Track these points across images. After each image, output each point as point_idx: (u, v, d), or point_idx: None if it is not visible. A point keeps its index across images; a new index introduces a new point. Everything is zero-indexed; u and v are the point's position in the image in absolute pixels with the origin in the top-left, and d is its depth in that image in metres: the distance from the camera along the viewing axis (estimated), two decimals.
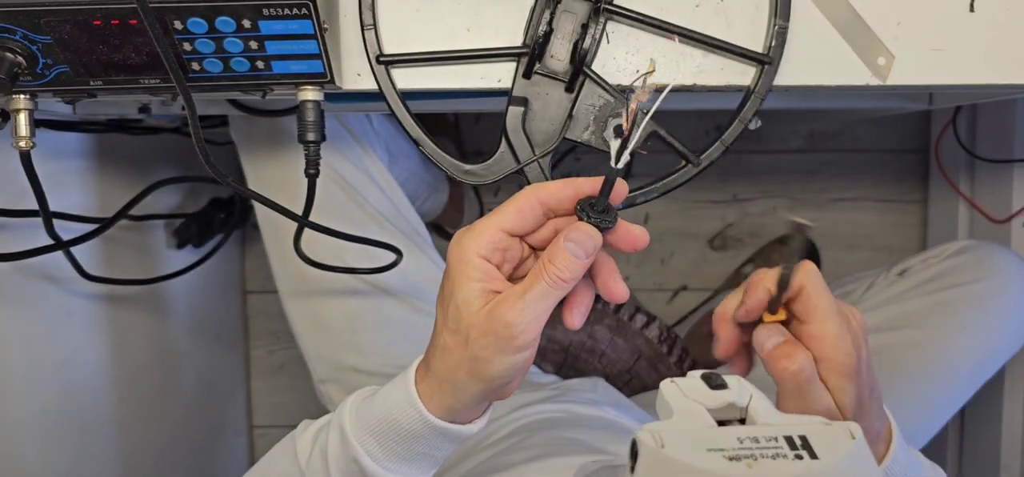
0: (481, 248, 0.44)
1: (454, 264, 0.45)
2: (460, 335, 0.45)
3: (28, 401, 0.79)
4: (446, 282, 0.46)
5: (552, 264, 0.43)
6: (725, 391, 0.34)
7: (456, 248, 0.45)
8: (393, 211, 0.88)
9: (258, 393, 1.48)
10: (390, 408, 0.48)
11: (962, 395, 0.88)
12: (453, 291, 0.45)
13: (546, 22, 0.53)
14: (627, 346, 1.09)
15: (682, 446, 0.29)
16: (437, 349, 0.46)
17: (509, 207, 0.45)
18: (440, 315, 0.47)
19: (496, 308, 0.44)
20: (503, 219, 0.45)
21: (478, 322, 0.44)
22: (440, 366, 0.46)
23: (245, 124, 0.83)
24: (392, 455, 0.49)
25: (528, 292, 0.43)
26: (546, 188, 0.45)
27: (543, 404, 0.79)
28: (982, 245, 0.90)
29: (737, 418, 0.34)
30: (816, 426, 0.31)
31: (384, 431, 0.48)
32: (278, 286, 0.87)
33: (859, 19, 0.55)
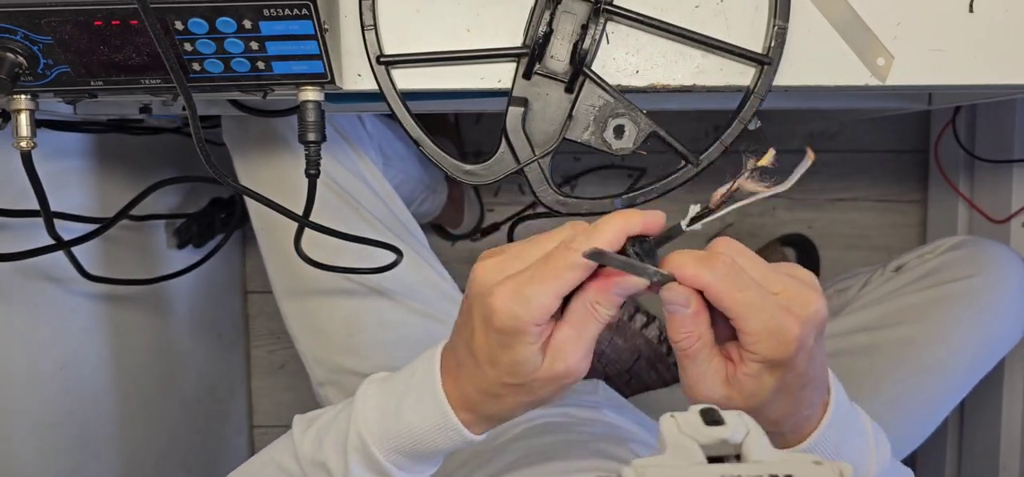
0: (539, 319, 0.42)
1: (509, 333, 0.43)
2: (520, 389, 0.45)
3: (28, 401, 0.79)
4: (497, 349, 0.44)
5: (601, 307, 0.43)
6: (720, 427, 0.33)
7: (510, 319, 0.42)
8: (387, 214, 0.88)
9: (258, 392, 1.48)
10: (428, 432, 0.48)
11: (960, 390, 0.88)
12: (512, 359, 0.43)
13: (546, 23, 0.53)
14: (627, 346, 1.09)
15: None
16: (488, 397, 0.46)
17: (567, 276, 0.42)
18: (490, 373, 0.45)
19: (558, 362, 0.44)
20: (563, 288, 0.42)
21: (542, 377, 0.44)
22: (493, 409, 0.47)
23: (237, 128, 0.83)
24: (420, 461, 0.51)
25: (584, 338, 0.44)
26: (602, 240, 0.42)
27: (545, 408, 0.79)
28: (978, 240, 0.90)
29: (732, 454, 0.33)
30: (805, 466, 0.30)
31: (418, 451, 0.49)
32: (274, 289, 0.87)
33: (858, 19, 0.55)
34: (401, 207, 0.91)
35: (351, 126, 0.87)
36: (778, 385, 0.43)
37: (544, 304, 0.42)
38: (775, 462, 0.31)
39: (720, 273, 0.42)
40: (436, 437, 0.48)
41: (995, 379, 1.09)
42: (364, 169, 0.87)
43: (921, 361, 0.85)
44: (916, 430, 0.88)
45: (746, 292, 0.41)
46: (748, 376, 0.43)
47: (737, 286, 0.41)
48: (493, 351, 0.44)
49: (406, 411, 0.49)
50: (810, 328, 0.42)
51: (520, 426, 0.75)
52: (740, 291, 0.41)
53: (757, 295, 0.42)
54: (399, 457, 0.50)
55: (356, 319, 0.84)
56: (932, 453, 1.28)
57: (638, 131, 0.55)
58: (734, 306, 0.41)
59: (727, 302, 0.42)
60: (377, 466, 0.50)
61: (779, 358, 0.42)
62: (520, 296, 0.42)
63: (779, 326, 0.41)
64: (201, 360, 1.24)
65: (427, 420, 0.48)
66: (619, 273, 0.42)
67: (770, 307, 0.42)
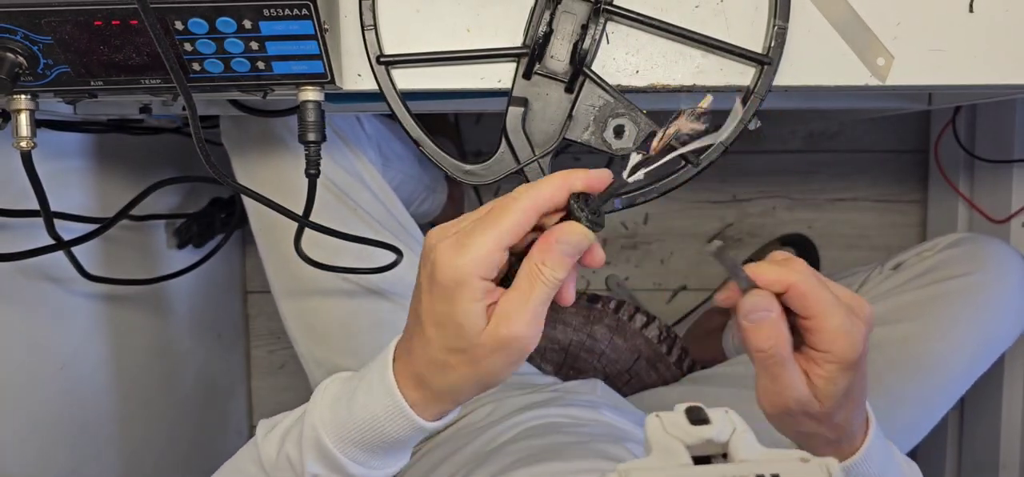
0: (480, 269, 0.42)
1: (450, 285, 0.42)
2: (465, 355, 0.44)
3: (28, 401, 0.79)
4: (437, 301, 0.43)
5: (547, 267, 0.42)
6: (705, 427, 0.33)
7: (449, 269, 0.42)
8: (385, 214, 0.88)
9: (258, 392, 1.48)
10: (376, 418, 0.47)
11: (959, 388, 0.87)
12: (451, 313, 0.43)
13: (546, 23, 0.53)
14: (626, 346, 1.09)
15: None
16: (434, 366, 0.45)
17: (506, 222, 0.42)
18: (434, 335, 0.44)
19: (502, 327, 0.42)
20: (503, 236, 0.42)
21: (485, 342, 0.43)
22: (440, 383, 0.45)
23: (235, 129, 0.83)
24: (377, 454, 0.49)
25: (530, 299, 0.42)
26: (542, 195, 0.43)
27: (544, 408, 0.79)
28: (977, 237, 0.90)
29: (719, 453, 0.33)
30: (792, 464, 0.30)
31: (370, 440, 0.48)
32: (273, 290, 0.87)
33: (858, 19, 0.55)
34: (400, 208, 0.91)
35: (349, 127, 0.87)
36: (847, 386, 0.45)
37: (485, 249, 0.42)
38: (762, 460, 0.31)
39: (804, 274, 0.43)
40: (387, 425, 0.47)
41: (995, 377, 1.09)
42: (362, 169, 0.87)
43: (920, 358, 0.85)
44: (915, 427, 0.88)
45: (825, 292, 0.43)
46: (824, 379, 0.44)
47: (818, 286, 0.43)
48: (436, 309, 0.43)
49: (357, 400, 0.48)
50: (869, 329, 0.45)
51: (518, 427, 0.75)
52: (821, 291, 0.43)
53: (832, 296, 0.43)
54: (353, 448, 0.48)
55: (355, 320, 0.84)
56: (932, 451, 1.28)
57: (638, 131, 0.55)
58: (816, 304, 0.43)
59: (811, 301, 0.43)
60: (331, 459, 0.48)
61: (851, 357, 0.44)
62: (460, 246, 0.42)
63: (851, 326, 0.44)
64: (201, 360, 1.24)
65: (377, 405, 0.47)
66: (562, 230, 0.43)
67: (842, 308, 0.44)
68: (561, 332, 1.08)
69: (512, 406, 0.81)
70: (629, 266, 1.44)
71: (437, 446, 0.78)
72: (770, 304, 0.43)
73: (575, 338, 1.08)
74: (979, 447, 1.17)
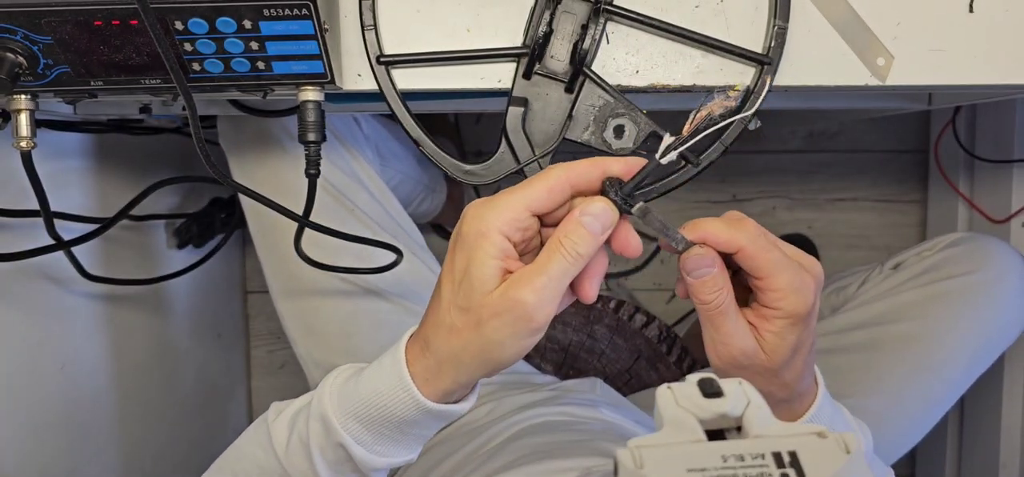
0: (503, 224, 0.42)
1: (472, 237, 0.42)
2: (471, 315, 0.43)
3: (28, 401, 0.79)
4: (458, 254, 0.43)
5: (569, 238, 0.42)
6: (719, 400, 0.32)
7: (475, 220, 0.42)
8: (383, 215, 0.88)
9: (258, 392, 1.48)
10: (379, 393, 0.46)
11: (959, 387, 0.88)
12: (468, 266, 0.42)
13: (546, 23, 0.53)
14: (627, 346, 1.09)
15: (661, 467, 0.28)
16: (441, 328, 0.44)
17: (538, 185, 0.42)
18: (447, 290, 0.44)
19: (512, 288, 0.41)
20: (532, 198, 0.42)
21: (492, 302, 0.42)
22: (443, 347, 0.44)
23: (232, 130, 0.83)
24: (381, 439, 0.48)
25: (545, 270, 0.42)
26: (576, 169, 0.43)
27: (543, 407, 0.79)
28: (976, 237, 0.90)
29: (733, 427, 0.32)
30: (809, 439, 0.29)
31: (372, 417, 0.47)
32: (271, 291, 0.87)
33: (858, 19, 0.55)
34: (398, 208, 0.91)
35: (346, 127, 0.87)
36: (797, 342, 0.46)
37: (511, 208, 0.42)
38: (779, 436, 0.30)
39: (753, 234, 0.44)
40: (388, 398, 0.46)
41: (995, 377, 1.09)
42: (359, 170, 0.87)
43: (920, 358, 0.85)
44: (915, 427, 0.88)
45: (773, 252, 0.44)
46: (772, 334, 0.45)
47: (767, 246, 0.44)
48: (455, 263, 0.44)
49: (366, 375, 0.48)
50: (820, 285, 0.46)
51: (517, 426, 0.75)
52: (769, 251, 0.44)
53: (781, 255, 0.44)
54: (356, 426, 0.47)
55: (354, 320, 0.84)
56: (932, 451, 1.28)
57: (638, 131, 0.55)
58: (766, 264, 0.44)
59: (760, 260, 0.44)
60: (333, 435, 0.47)
61: (801, 312, 0.45)
62: (490, 201, 0.43)
63: (801, 282, 0.45)
64: (201, 360, 1.24)
65: (382, 379, 0.47)
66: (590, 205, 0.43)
67: (793, 265, 0.45)
68: (561, 332, 1.08)
69: (511, 405, 0.81)
70: (629, 266, 1.44)
71: (436, 445, 0.78)
72: (712, 261, 0.44)
73: (575, 338, 1.08)
74: (979, 447, 1.17)
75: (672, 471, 0.28)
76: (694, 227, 0.45)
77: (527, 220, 0.43)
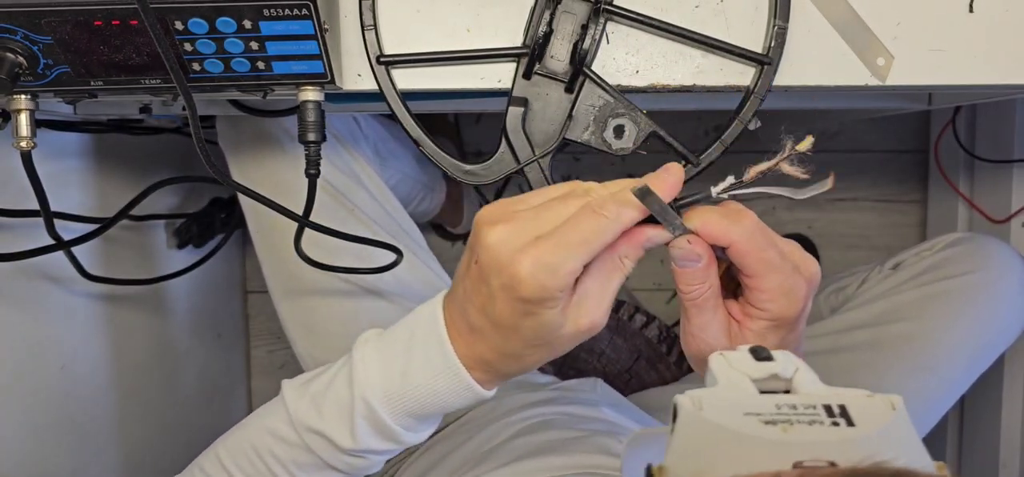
0: (566, 286, 0.42)
1: (536, 301, 0.42)
2: (545, 347, 0.45)
3: (28, 401, 0.79)
4: (519, 315, 0.43)
5: (629, 260, 0.44)
6: (770, 363, 0.34)
7: (537, 290, 0.41)
8: (383, 214, 0.88)
9: (259, 392, 1.48)
10: (438, 394, 0.48)
11: (958, 387, 0.87)
12: (539, 323, 0.43)
13: (546, 23, 0.53)
14: (627, 346, 1.09)
15: (720, 410, 0.30)
16: (509, 359, 0.46)
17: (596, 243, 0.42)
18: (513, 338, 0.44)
19: (584, 317, 0.44)
20: (590, 252, 0.42)
21: (567, 333, 0.44)
22: (514, 368, 0.47)
23: (231, 130, 0.83)
24: (427, 421, 0.52)
25: (609, 291, 0.44)
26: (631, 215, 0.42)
27: (543, 407, 0.79)
28: (976, 237, 0.90)
29: (782, 389, 0.34)
30: (858, 397, 0.31)
31: (428, 411, 0.50)
32: (271, 291, 0.87)
33: (858, 19, 0.55)
34: (398, 208, 0.91)
35: (346, 127, 0.87)
36: (779, 344, 0.45)
37: (574, 271, 0.42)
38: (827, 394, 0.31)
39: (749, 231, 0.43)
40: (449, 399, 0.49)
41: (995, 377, 1.09)
42: (359, 170, 0.87)
43: (920, 357, 0.85)
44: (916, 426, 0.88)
45: (768, 251, 0.43)
46: (753, 333, 0.45)
47: (762, 245, 0.43)
48: (516, 319, 0.43)
49: (415, 374, 0.48)
50: (812, 289, 0.45)
51: (517, 425, 0.75)
52: (764, 250, 0.43)
53: (777, 255, 0.43)
54: (408, 418, 0.50)
55: (354, 321, 0.84)
56: (932, 451, 1.27)
57: (638, 131, 0.55)
58: (757, 264, 0.43)
59: (752, 259, 0.43)
60: (387, 430, 0.50)
61: (787, 316, 0.44)
62: (547, 266, 0.41)
63: (792, 286, 0.43)
64: (201, 360, 1.24)
65: (439, 383, 0.48)
66: (651, 227, 0.43)
67: (786, 267, 0.43)
68: None
69: (511, 404, 0.81)
70: None
71: (436, 443, 0.78)
72: (701, 252, 0.43)
73: None
74: (979, 447, 1.17)
75: (730, 412, 0.29)
76: (692, 215, 0.44)
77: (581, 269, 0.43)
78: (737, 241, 0.43)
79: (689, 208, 0.44)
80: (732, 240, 0.43)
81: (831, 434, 0.28)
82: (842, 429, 0.29)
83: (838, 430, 0.29)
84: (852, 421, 0.29)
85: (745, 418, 0.29)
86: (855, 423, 0.29)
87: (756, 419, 0.29)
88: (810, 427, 0.29)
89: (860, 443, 0.28)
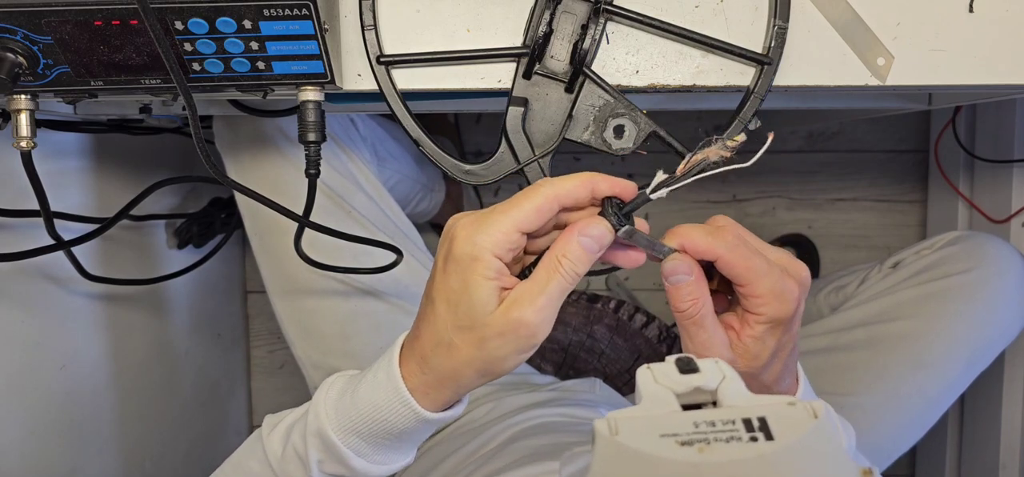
0: (495, 246, 0.43)
1: (465, 260, 0.43)
2: (473, 334, 0.44)
3: (28, 401, 0.79)
4: (452, 277, 0.44)
5: (567, 258, 0.43)
6: (694, 375, 0.34)
7: (467, 244, 0.43)
8: (381, 215, 0.88)
9: (258, 392, 1.48)
10: (378, 407, 0.47)
11: (958, 385, 0.87)
12: (465, 289, 0.43)
13: (546, 23, 0.53)
14: (626, 346, 1.09)
15: (635, 433, 0.30)
16: (440, 347, 0.45)
17: (526, 205, 0.43)
18: (443, 310, 0.44)
19: (513, 309, 0.43)
20: (521, 218, 0.43)
21: (494, 323, 0.43)
22: (444, 364, 0.45)
23: (228, 130, 0.83)
24: (380, 449, 0.49)
25: (545, 289, 0.43)
26: (564, 187, 0.44)
27: (542, 408, 0.79)
28: (975, 235, 0.90)
29: (709, 401, 0.34)
30: (779, 407, 0.30)
31: (372, 430, 0.48)
32: (269, 292, 0.87)
33: (858, 19, 0.55)
34: (396, 209, 0.91)
35: (344, 128, 0.87)
36: (777, 346, 0.46)
37: (502, 229, 0.42)
38: (749, 406, 0.31)
39: (731, 243, 0.44)
40: (387, 412, 0.47)
41: (995, 377, 1.09)
42: (356, 171, 0.87)
43: (919, 356, 0.85)
44: (915, 425, 0.88)
45: (754, 259, 0.44)
46: (753, 339, 0.46)
47: (746, 254, 0.44)
48: (450, 284, 0.44)
49: (361, 390, 0.48)
50: (804, 290, 0.46)
51: (516, 427, 0.75)
52: (749, 258, 0.44)
53: (763, 261, 0.44)
54: (355, 439, 0.49)
55: (352, 322, 0.84)
56: (932, 451, 1.28)
57: (638, 131, 0.55)
58: (745, 272, 0.44)
59: (739, 268, 0.44)
60: (334, 451, 0.49)
61: (782, 317, 0.45)
62: (479, 222, 0.43)
63: (783, 288, 0.44)
64: (201, 360, 1.24)
65: (379, 393, 0.47)
66: (583, 223, 0.44)
67: (775, 271, 0.45)
68: (561, 332, 1.08)
69: (511, 405, 0.81)
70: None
71: (435, 446, 0.78)
72: (689, 268, 0.45)
73: (575, 338, 1.08)
74: (979, 447, 1.17)
75: (646, 435, 0.29)
76: (674, 234, 0.45)
77: (517, 240, 0.43)
78: (722, 253, 0.44)
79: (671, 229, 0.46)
80: (718, 254, 0.44)
81: (748, 450, 0.28)
82: (760, 444, 0.29)
83: (756, 445, 0.29)
84: (771, 434, 0.29)
85: (661, 440, 0.29)
86: (774, 436, 0.29)
87: (673, 440, 0.29)
88: (727, 445, 0.29)
89: (776, 457, 0.28)
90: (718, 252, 0.44)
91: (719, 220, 0.46)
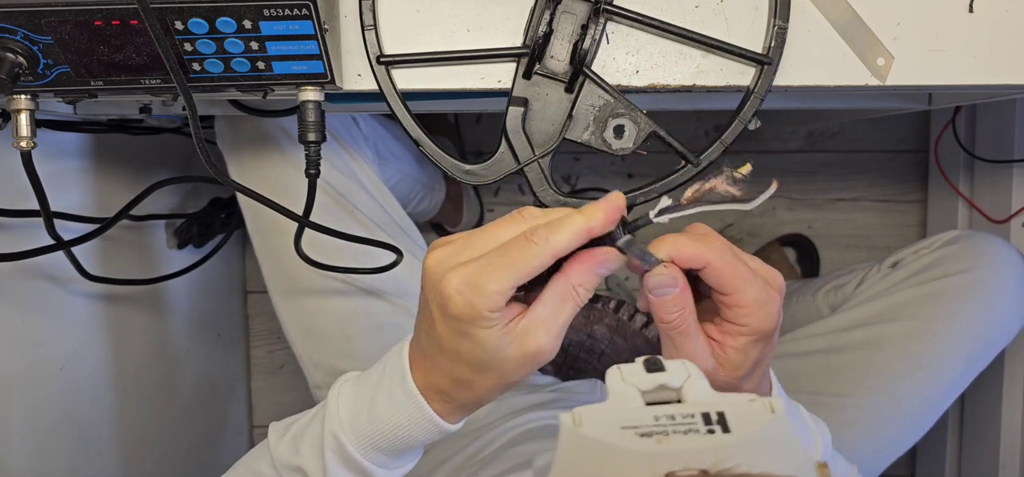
0: (496, 306, 0.42)
1: (467, 321, 0.42)
2: (491, 371, 0.44)
3: (28, 401, 0.79)
4: (455, 336, 0.43)
5: (583, 288, 0.43)
6: (660, 374, 0.35)
7: (465, 307, 0.42)
8: (382, 215, 0.88)
9: (258, 392, 1.48)
10: (401, 426, 0.48)
11: (957, 385, 0.87)
12: (474, 344, 0.43)
13: (546, 23, 0.53)
14: (627, 346, 1.09)
15: (598, 425, 0.31)
16: (459, 385, 0.45)
17: (524, 267, 0.41)
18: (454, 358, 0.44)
19: (530, 342, 0.43)
20: (520, 277, 0.41)
21: (511, 357, 0.43)
22: (465, 396, 0.46)
23: (230, 130, 0.83)
24: (399, 457, 0.51)
25: (560, 318, 0.43)
26: (561, 243, 0.42)
27: (543, 410, 0.79)
28: (974, 234, 0.90)
29: (673, 398, 0.35)
30: (739, 403, 0.31)
31: (395, 446, 0.49)
32: (270, 292, 0.87)
33: (858, 19, 0.55)
34: (397, 208, 0.91)
35: (345, 128, 0.87)
36: (759, 357, 0.46)
37: (499, 291, 0.42)
38: (710, 401, 0.32)
39: (719, 249, 0.44)
40: (412, 431, 0.48)
41: (995, 377, 1.09)
42: (358, 170, 0.87)
43: (918, 356, 0.85)
44: (914, 425, 0.88)
45: (740, 267, 0.44)
46: (735, 349, 0.45)
47: (733, 261, 0.44)
48: (454, 341, 0.44)
49: (379, 407, 0.49)
50: (782, 298, 0.46)
51: (517, 430, 0.75)
52: (736, 265, 0.44)
53: (748, 270, 0.44)
54: (376, 454, 0.49)
55: (353, 321, 0.84)
56: (932, 451, 1.28)
57: (638, 131, 0.55)
58: (732, 280, 0.43)
59: (727, 275, 0.43)
60: (355, 465, 0.49)
61: (766, 329, 0.45)
62: (473, 284, 0.41)
63: (767, 299, 0.44)
64: (201, 360, 1.24)
65: (401, 414, 0.48)
66: (600, 251, 0.43)
67: (759, 282, 0.44)
68: None
69: (511, 407, 0.81)
70: None
71: (435, 446, 0.78)
72: (675, 279, 0.44)
73: (575, 338, 1.08)
74: (979, 447, 1.17)
75: (607, 427, 0.30)
76: (660, 244, 0.44)
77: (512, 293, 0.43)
78: (711, 260, 0.43)
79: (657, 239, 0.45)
80: (707, 260, 0.43)
81: (706, 442, 0.29)
82: (717, 436, 0.30)
83: (713, 437, 0.30)
84: (728, 427, 0.30)
85: (622, 432, 0.30)
86: (731, 429, 0.30)
87: (633, 432, 0.30)
88: (685, 436, 0.30)
89: (732, 448, 0.29)
90: (707, 259, 0.43)
91: (700, 228, 0.45)
